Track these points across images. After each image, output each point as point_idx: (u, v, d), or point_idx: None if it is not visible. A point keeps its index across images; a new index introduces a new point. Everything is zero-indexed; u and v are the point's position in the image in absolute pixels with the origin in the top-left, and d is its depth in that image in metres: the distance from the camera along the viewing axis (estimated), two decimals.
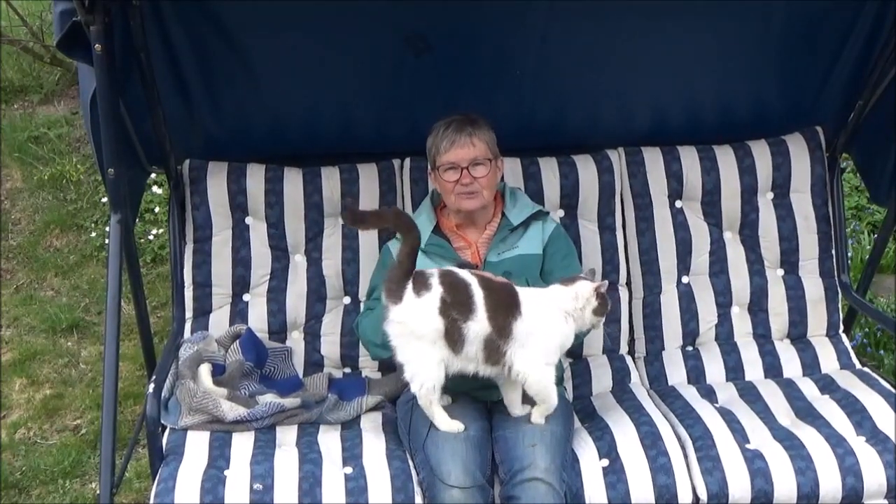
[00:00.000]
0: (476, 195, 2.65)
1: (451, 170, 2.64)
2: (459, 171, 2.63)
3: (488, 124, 2.69)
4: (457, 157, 2.63)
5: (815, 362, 3.00)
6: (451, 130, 2.64)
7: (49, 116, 5.22)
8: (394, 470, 2.42)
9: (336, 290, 2.99)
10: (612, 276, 3.04)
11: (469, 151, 2.62)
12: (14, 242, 4.52)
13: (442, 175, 2.66)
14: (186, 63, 2.69)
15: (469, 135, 2.63)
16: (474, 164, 2.63)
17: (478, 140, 2.64)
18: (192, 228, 2.95)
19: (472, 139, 2.63)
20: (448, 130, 2.64)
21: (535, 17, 2.64)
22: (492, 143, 2.68)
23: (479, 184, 2.64)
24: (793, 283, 3.09)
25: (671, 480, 2.41)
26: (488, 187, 2.67)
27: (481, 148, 2.64)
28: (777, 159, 3.11)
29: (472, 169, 2.63)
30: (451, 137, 2.63)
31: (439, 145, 2.65)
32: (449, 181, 2.65)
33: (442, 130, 2.66)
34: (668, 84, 2.93)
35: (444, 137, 2.64)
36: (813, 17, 2.76)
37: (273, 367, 2.87)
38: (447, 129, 2.65)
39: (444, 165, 2.64)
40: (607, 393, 2.87)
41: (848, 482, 2.42)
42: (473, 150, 2.63)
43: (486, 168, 2.64)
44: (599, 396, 2.86)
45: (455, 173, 2.64)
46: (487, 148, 2.65)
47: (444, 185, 2.67)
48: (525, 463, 2.36)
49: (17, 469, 3.29)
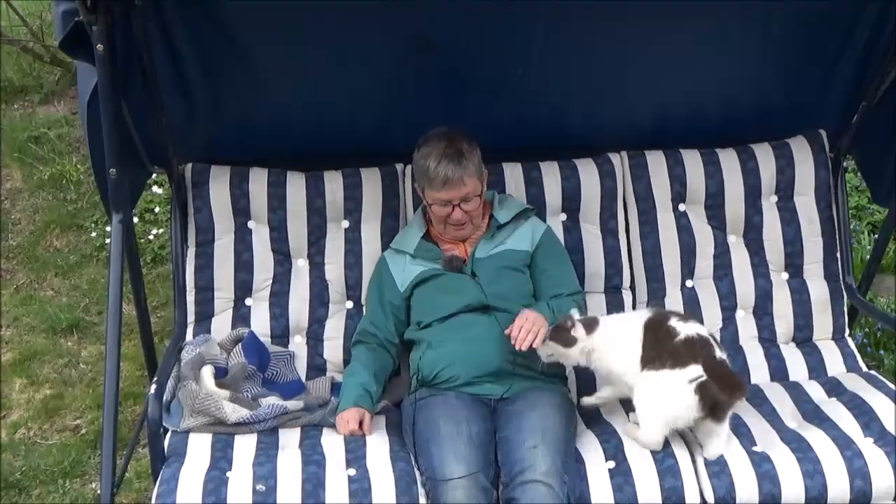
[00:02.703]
0: (466, 225, 2.76)
1: (442, 206, 2.72)
2: (451, 207, 2.71)
3: (473, 145, 2.73)
4: (448, 196, 2.70)
5: (822, 365, 2.99)
6: (442, 168, 2.66)
7: (49, 116, 5.20)
8: (398, 471, 2.41)
9: (339, 295, 2.98)
10: (616, 279, 3.04)
11: (461, 191, 2.69)
12: (14, 242, 4.50)
13: (433, 208, 2.74)
14: (189, 63, 2.68)
15: (460, 174, 2.67)
16: (465, 201, 2.70)
17: (468, 177, 2.68)
18: (194, 232, 2.94)
19: (462, 177, 2.67)
20: (440, 167, 2.66)
21: (536, 18, 2.64)
22: (478, 169, 2.73)
23: (469, 215, 2.73)
24: (797, 286, 3.08)
25: (678, 483, 2.40)
26: (477, 216, 2.77)
27: (471, 184, 2.70)
28: (780, 162, 3.10)
29: (463, 204, 2.70)
30: (445, 175, 2.66)
31: (431, 181, 2.69)
32: (440, 214, 2.74)
33: (433, 165, 2.67)
34: (670, 85, 2.93)
35: (436, 174, 2.66)
36: (815, 17, 2.75)
37: (275, 371, 2.86)
38: (438, 164, 2.66)
39: (437, 202, 2.71)
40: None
41: (856, 484, 2.42)
42: (465, 189, 2.69)
43: (476, 202, 2.72)
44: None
45: (446, 208, 2.72)
46: (476, 180, 2.71)
47: (435, 215, 2.76)
48: (525, 465, 2.36)
49: (17, 469, 3.28)
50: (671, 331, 2.46)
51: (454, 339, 2.68)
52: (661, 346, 2.45)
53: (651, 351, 2.46)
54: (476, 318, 2.70)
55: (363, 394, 2.65)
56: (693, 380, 2.39)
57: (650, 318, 2.53)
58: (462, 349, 2.65)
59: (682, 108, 3.05)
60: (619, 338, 2.53)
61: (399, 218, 3.03)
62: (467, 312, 2.71)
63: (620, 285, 3.04)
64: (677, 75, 2.88)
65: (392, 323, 2.80)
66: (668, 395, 2.41)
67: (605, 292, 3.04)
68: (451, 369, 2.64)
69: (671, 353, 2.43)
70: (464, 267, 2.78)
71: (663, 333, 2.47)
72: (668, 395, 2.41)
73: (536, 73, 2.82)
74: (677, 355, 2.42)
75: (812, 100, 3.05)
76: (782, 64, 2.92)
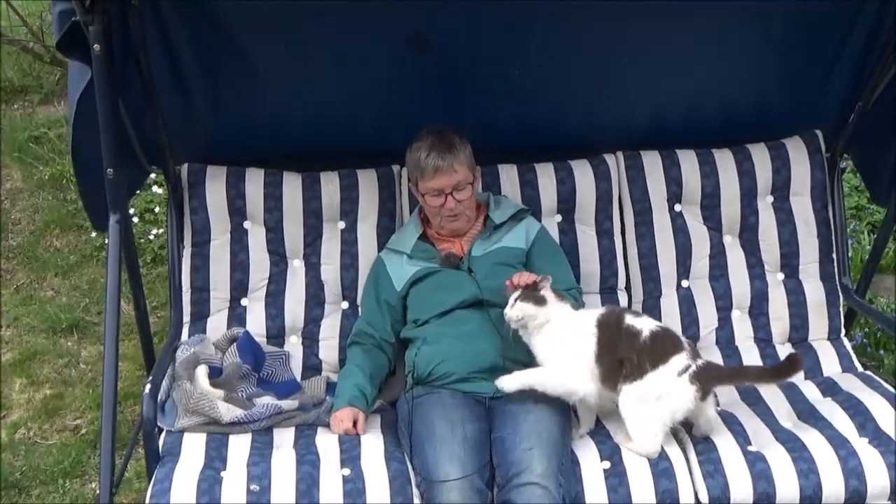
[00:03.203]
0: (459, 216, 2.78)
1: (435, 196, 2.74)
2: (444, 197, 2.73)
3: (464, 140, 2.76)
4: (440, 184, 2.72)
5: (817, 366, 2.99)
6: (432, 157, 2.71)
7: (49, 116, 5.21)
8: (392, 472, 2.41)
9: (334, 295, 2.99)
10: (611, 280, 3.04)
11: (452, 178, 2.72)
12: (14, 242, 4.51)
13: (426, 199, 2.77)
14: (186, 63, 2.68)
15: (451, 161, 2.71)
16: (457, 189, 2.73)
17: (459, 165, 2.72)
18: (190, 232, 2.95)
19: (454, 165, 2.71)
20: (430, 157, 2.71)
21: (535, 18, 2.64)
22: (470, 160, 2.77)
23: (462, 206, 2.75)
24: (793, 286, 3.08)
25: (673, 484, 2.40)
26: (470, 206, 2.80)
27: (462, 172, 2.73)
28: (776, 163, 3.10)
29: (456, 193, 2.73)
30: (435, 164, 2.71)
31: (423, 170, 2.73)
32: (434, 205, 2.76)
33: (423, 156, 2.72)
34: (668, 85, 2.93)
35: (426, 163, 2.71)
36: (812, 17, 2.75)
37: (271, 371, 2.86)
38: (428, 155, 2.72)
39: (429, 192, 2.74)
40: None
41: (851, 484, 2.41)
42: (456, 177, 2.72)
43: (468, 191, 2.75)
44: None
45: (439, 198, 2.74)
46: (467, 169, 2.75)
47: (428, 207, 2.79)
48: (522, 467, 2.35)
49: (17, 469, 3.28)
50: (631, 329, 2.46)
51: (449, 335, 2.69)
52: (630, 347, 2.43)
53: (611, 354, 2.44)
54: (470, 314, 2.71)
55: (358, 395, 2.65)
56: (683, 370, 2.39)
57: (603, 314, 2.53)
58: (457, 345, 2.66)
59: (680, 108, 3.06)
60: (574, 323, 2.53)
61: (395, 219, 3.04)
62: (462, 308, 2.72)
63: (616, 286, 3.04)
64: (675, 75, 2.89)
65: (389, 323, 2.81)
66: (664, 396, 2.41)
67: (601, 293, 3.04)
68: (446, 365, 2.65)
69: (646, 353, 2.42)
70: (460, 264, 2.79)
71: (625, 334, 2.46)
72: (663, 396, 2.41)
73: (535, 73, 2.83)
74: (654, 353, 2.42)
75: (809, 100, 3.05)
76: (780, 64, 2.91)
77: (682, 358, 2.42)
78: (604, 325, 2.50)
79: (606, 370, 2.46)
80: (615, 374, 2.44)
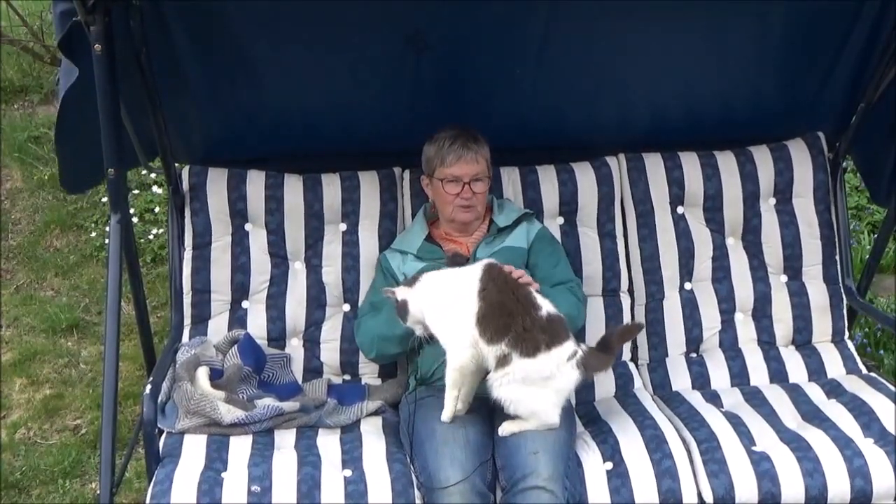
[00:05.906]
0: (472, 209, 2.78)
1: (452, 182, 2.74)
2: (461, 186, 2.73)
3: (485, 139, 2.79)
4: (462, 171, 2.73)
5: (821, 368, 2.98)
6: (457, 145, 2.74)
7: (49, 116, 5.20)
8: (394, 473, 2.41)
9: (336, 298, 2.98)
10: (614, 283, 3.03)
11: (473, 168, 2.74)
12: (14, 242, 4.51)
13: (443, 186, 2.75)
14: (187, 63, 2.67)
15: (475, 151, 2.74)
16: (475, 180, 2.74)
17: (481, 157, 2.76)
18: (191, 234, 2.94)
19: (476, 156, 2.75)
20: (454, 145, 2.74)
21: (535, 18, 2.63)
22: (489, 158, 2.80)
23: (477, 198, 2.76)
24: (796, 289, 3.08)
25: (676, 484, 2.40)
26: (482, 202, 2.81)
27: (483, 165, 2.76)
28: (779, 165, 3.10)
29: (473, 184, 2.74)
30: (458, 152, 2.73)
31: (445, 157, 2.74)
32: (449, 193, 2.75)
33: (448, 144, 2.74)
34: (668, 85, 2.93)
35: (450, 151, 2.74)
36: (813, 18, 2.75)
37: (272, 373, 2.85)
38: (453, 143, 2.74)
39: (448, 178, 2.74)
40: (611, 398, 2.87)
41: (856, 484, 2.41)
42: (477, 167, 2.74)
43: (484, 185, 2.77)
44: (603, 401, 2.85)
45: (456, 186, 2.74)
46: (487, 165, 2.78)
47: (443, 195, 2.77)
48: (527, 471, 2.34)
49: (17, 469, 3.28)
50: (532, 298, 2.42)
51: None
52: (527, 317, 2.38)
53: (505, 318, 2.38)
54: None
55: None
56: (571, 356, 2.40)
57: (485, 268, 2.48)
58: None
59: (680, 109, 3.05)
60: (449, 286, 2.49)
61: (397, 221, 3.03)
62: None
63: (618, 289, 3.03)
64: (676, 76, 2.89)
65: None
66: (551, 379, 2.40)
67: (603, 296, 3.03)
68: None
69: (545, 330, 2.39)
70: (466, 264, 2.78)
71: (522, 298, 2.41)
72: (550, 378, 2.40)
73: (535, 74, 2.82)
74: (552, 333, 2.39)
75: (810, 101, 3.04)
76: (781, 65, 2.91)
77: (570, 344, 2.42)
78: (488, 272, 2.46)
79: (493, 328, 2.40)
80: (501, 333, 2.39)
